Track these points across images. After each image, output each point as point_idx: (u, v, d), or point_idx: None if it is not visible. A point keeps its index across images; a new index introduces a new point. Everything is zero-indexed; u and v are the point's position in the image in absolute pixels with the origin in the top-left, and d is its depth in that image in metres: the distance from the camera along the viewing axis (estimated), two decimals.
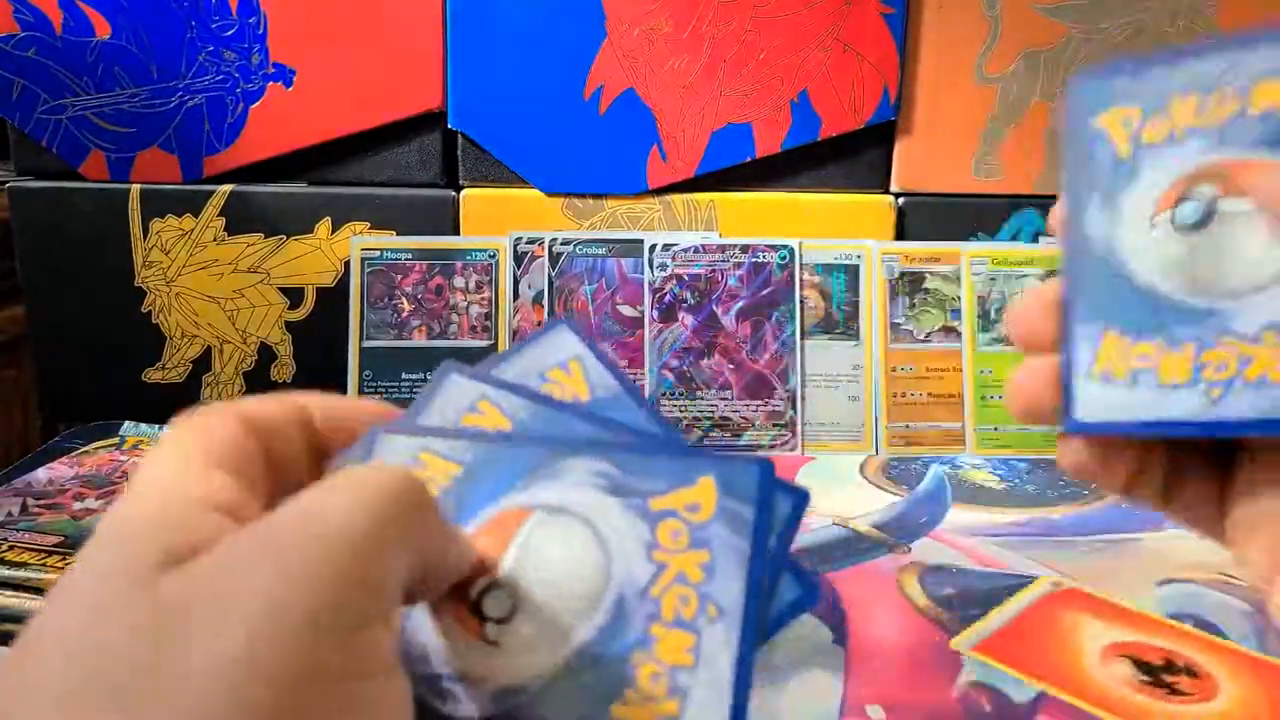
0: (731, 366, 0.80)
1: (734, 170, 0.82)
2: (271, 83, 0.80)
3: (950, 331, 0.81)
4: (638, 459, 0.25)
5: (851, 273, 0.82)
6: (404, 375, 0.80)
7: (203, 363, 0.84)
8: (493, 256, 0.81)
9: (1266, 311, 0.26)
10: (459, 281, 0.81)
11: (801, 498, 0.25)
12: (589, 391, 0.27)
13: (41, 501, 0.66)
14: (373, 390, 0.79)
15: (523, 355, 0.29)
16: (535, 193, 0.82)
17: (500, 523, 0.25)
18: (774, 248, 0.81)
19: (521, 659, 0.24)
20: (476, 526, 0.25)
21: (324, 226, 0.82)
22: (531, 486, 0.25)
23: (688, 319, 0.81)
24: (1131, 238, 0.28)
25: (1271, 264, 0.26)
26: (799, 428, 0.80)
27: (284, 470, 0.24)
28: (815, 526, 0.65)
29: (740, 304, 0.81)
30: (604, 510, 0.25)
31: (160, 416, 0.82)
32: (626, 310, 0.81)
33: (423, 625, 0.25)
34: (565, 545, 0.24)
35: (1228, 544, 0.29)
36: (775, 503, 0.25)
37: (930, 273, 0.81)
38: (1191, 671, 0.49)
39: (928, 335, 0.81)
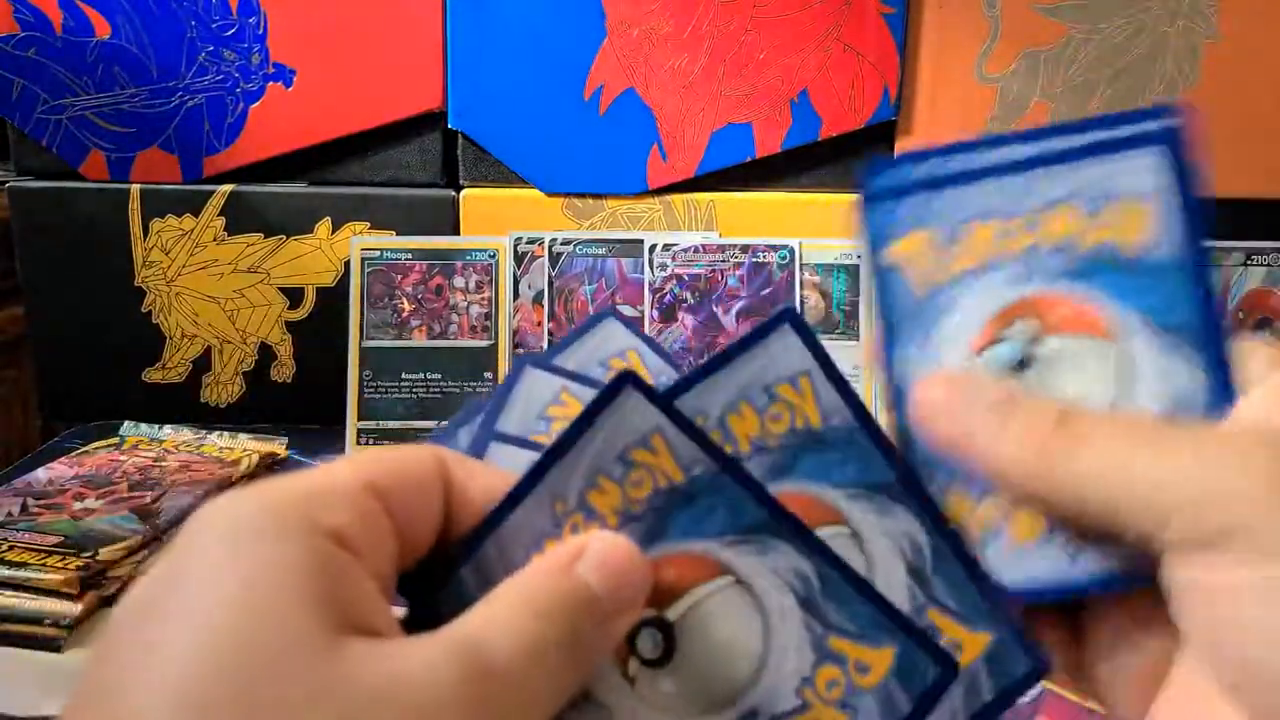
0: None
1: (734, 170, 0.82)
2: (271, 83, 0.80)
3: None
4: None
5: (852, 273, 0.82)
6: (404, 375, 0.80)
7: (203, 362, 0.84)
8: (493, 256, 0.81)
9: None
10: (459, 281, 0.81)
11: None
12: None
13: (41, 501, 0.66)
14: (373, 390, 0.79)
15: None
16: (535, 193, 0.82)
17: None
18: (774, 248, 0.81)
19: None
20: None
21: (324, 226, 0.82)
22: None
23: (688, 319, 0.81)
24: None
25: (1097, 400, 0.24)
26: None
27: (412, 526, 0.22)
28: None
29: (740, 304, 0.81)
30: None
31: (160, 416, 0.81)
32: (626, 310, 0.81)
33: None
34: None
35: (1099, 700, 0.26)
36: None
37: None
38: None
39: None
